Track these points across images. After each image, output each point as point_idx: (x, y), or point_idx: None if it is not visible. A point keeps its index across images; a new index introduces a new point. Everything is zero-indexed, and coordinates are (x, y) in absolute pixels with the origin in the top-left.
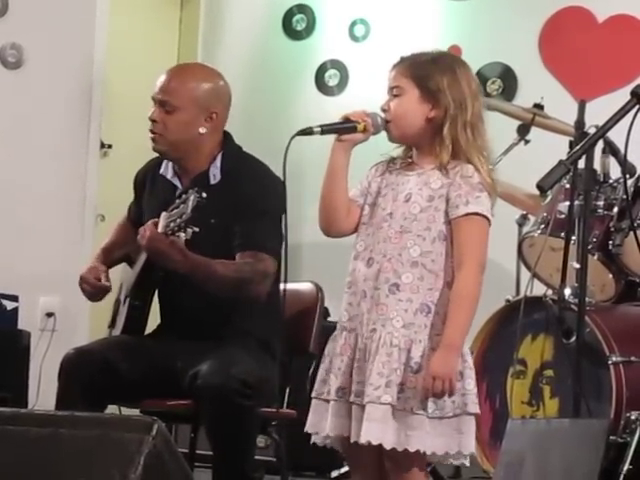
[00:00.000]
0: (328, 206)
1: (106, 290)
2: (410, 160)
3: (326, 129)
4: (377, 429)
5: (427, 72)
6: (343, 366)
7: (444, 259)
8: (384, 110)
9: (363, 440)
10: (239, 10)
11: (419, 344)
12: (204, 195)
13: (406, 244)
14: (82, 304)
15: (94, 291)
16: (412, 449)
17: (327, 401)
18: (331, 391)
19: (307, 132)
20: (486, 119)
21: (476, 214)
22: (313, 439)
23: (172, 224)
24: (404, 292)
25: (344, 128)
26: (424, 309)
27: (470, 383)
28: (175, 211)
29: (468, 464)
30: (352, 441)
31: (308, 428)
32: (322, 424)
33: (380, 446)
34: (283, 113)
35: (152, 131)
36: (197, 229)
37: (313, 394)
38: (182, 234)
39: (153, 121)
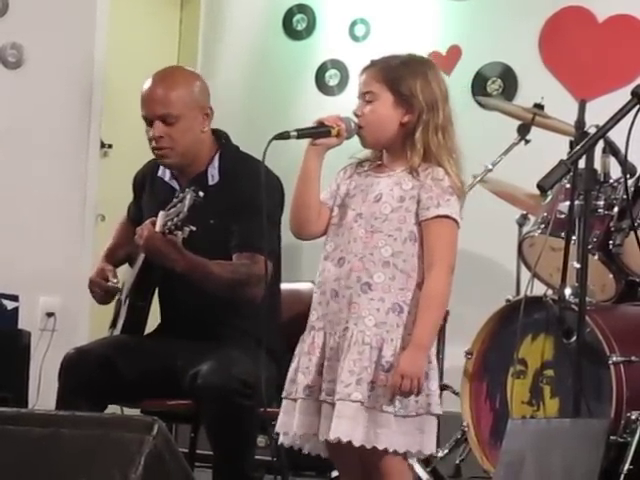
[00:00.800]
0: (300, 209)
1: (115, 291)
2: (379, 162)
3: (302, 133)
4: (347, 426)
5: (399, 76)
6: (311, 365)
7: (416, 260)
8: (357, 115)
9: (332, 437)
10: (239, 10)
11: (391, 343)
12: (201, 194)
13: (377, 244)
14: (82, 304)
15: (104, 293)
16: (381, 447)
17: (295, 400)
18: (299, 390)
19: (284, 136)
20: (486, 119)
21: (446, 217)
22: (281, 439)
23: (169, 223)
24: (376, 291)
25: (318, 132)
26: (396, 309)
27: (434, 384)
28: (172, 210)
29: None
30: (321, 439)
31: (278, 428)
32: (290, 423)
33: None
34: (283, 113)
35: (159, 148)
36: (194, 228)
37: (283, 394)
38: (179, 233)
39: (158, 138)
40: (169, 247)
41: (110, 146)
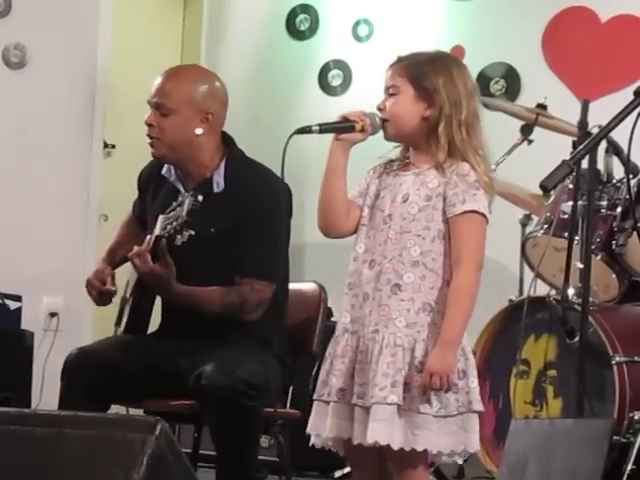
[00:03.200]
0: (327, 206)
1: (111, 294)
2: (407, 160)
3: (325, 128)
4: (384, 429)
5: (423, 72)
6: (344, 368)
7: (444, 258)
8: (380, 109)
9: (370, 441)
10: (242, 10)
11: (422, 343)
12: (200, 198)
13: (406, 244)
14: (85, 304)
15: (99, 296)
16: (420, 448)
17: (327, 402)
18: (332, 392)
19: (306, 131)
20: (489, 119)
21: (473, 212)
22: (313, 440)
23: (169, 227)
24: (406, 292)
25: (342, 127)
26: (426, 308)
27: (473, 381)
28: (172, 214)
29: (461, 461)
30: (355, 443)
31: (309, 429)
32: (322, 425)
33: (381, 447)
34: (286, 113)
35: (149, 136)
36: (193, 232)
37: (314, 396)
38: (179, 237)
39: (149, 125)
40: (159, 283)
41: (113, 146)
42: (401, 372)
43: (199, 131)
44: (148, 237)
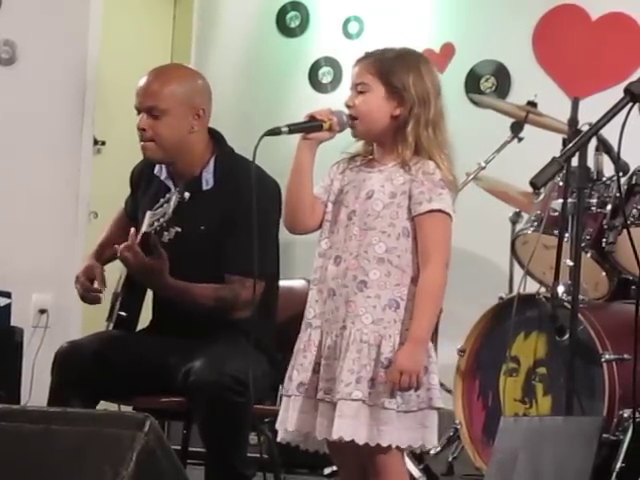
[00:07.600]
0: (293, 203)
1: (97, 293)
2: (371, 157)
3: (293, 128)
4: (349, 425)
5: (393, 69)
6: (306, 362)
7: (410, 255)
8: (348, 106)
9: (335, 436)
10: (233, 7)
11: (389, 339)
12: (187, 195)
13: (371, 241)
14: (75, 301)
15: (84, 293)
16: (384, 444)
17: (290, 397)
18: (292, 387)
19: (275, 132)
20: (479, 116)
21: (439, 211)
22: (280, 436)
23: (156, 223)
24: (372, 289)
25: (311, 127)
26: (392, 304)
27: (434, 378)
28: (159, 210)
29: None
30: (320, 438)
31: (277, 425)
32: (287, 420)
33: (353, 442)
34: (277, 110)
35: (142, 140)
36: (180, 229)
37: (282, 392)
38: (165, 234)
39: (142, 130)
40: (152, 276)
41: (103, 143)
42: (366, 368)
43: (193, 128)
44: (132, 230)
